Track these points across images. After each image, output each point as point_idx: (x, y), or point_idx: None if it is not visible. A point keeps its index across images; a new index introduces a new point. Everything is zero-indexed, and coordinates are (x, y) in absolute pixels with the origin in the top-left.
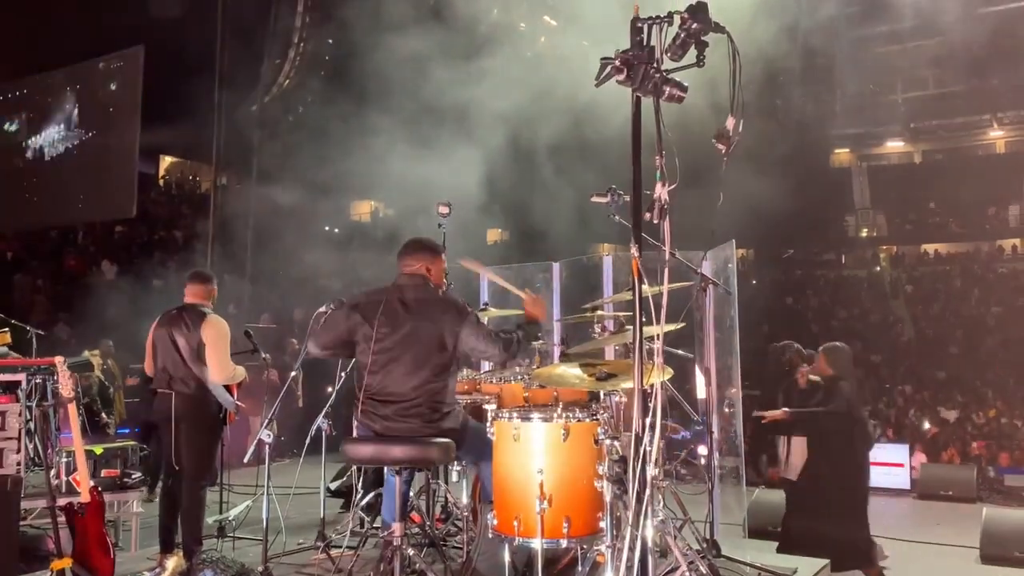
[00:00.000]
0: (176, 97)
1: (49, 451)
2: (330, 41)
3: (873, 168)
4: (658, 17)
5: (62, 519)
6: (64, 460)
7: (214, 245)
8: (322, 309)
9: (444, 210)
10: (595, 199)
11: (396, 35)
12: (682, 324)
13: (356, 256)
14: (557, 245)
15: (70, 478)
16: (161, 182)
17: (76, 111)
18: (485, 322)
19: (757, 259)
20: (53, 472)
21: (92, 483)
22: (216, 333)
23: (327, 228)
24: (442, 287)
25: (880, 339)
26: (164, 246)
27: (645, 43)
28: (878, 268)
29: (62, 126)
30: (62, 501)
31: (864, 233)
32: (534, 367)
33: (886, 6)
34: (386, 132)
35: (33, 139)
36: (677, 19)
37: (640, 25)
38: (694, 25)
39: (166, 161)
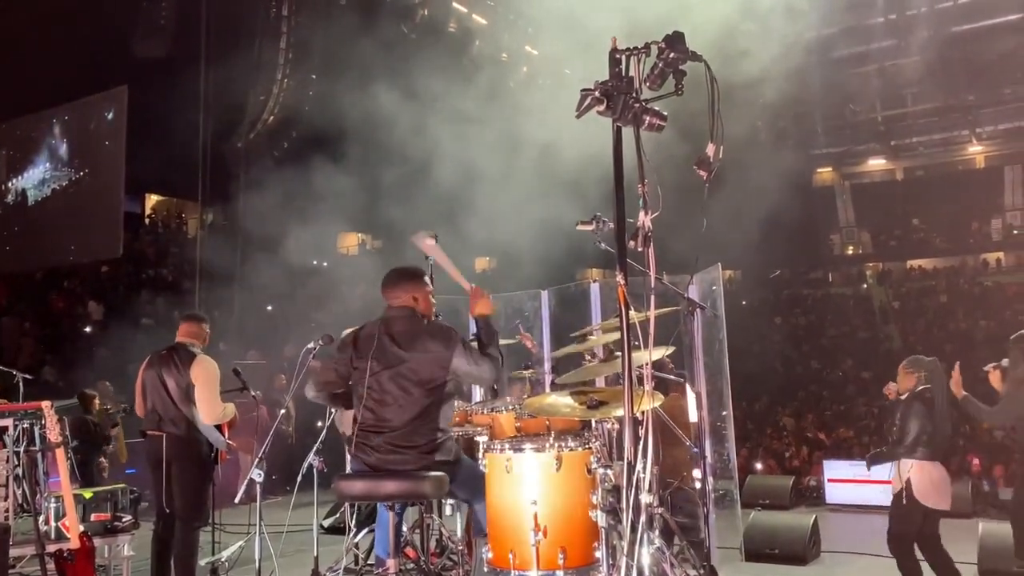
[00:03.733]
0: (161, 135)
1: (38, 496)
2: (313, 76)
3: (856, 186)
4: (636, 48)
5: (51, 566)
6: (53, 505)
7: (201, 282)
8: (311, 345)
9: (430, 241)
10: (580, 227)
11: (379, 68)
12: (672, 348)
13: (344, 289)
14: (544, 271)
15: (59, 524)
16: (147, 220)
17: (60, 151)
18: None
19: (745, 280)
20: (42, 518)
21: (81, 528)
22: (206, 373)
23: (314, 262)
24: (430, 315)
25: (870, 356)
26: (152, 285)
27: (624, 74)
28: (865, 285)
29: (47, 165)
30: (51, 547)
31: (850, 251)
32: (525, 396)
33: (864, 27)
34: (371, 163)
35: (14, 181)
36: (655, 49)
37: (618, 56)
38: (671, 55)
39: (152, 200)
